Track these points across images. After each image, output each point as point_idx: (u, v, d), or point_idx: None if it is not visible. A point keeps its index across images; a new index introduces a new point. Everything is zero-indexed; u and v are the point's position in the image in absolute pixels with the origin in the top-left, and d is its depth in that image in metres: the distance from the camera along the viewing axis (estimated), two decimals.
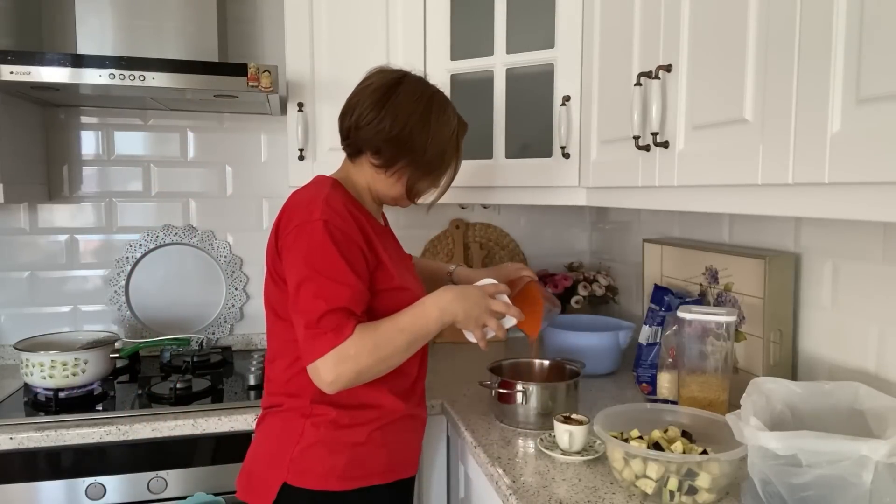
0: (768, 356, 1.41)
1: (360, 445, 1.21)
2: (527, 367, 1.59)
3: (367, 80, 1.27)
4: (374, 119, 1.21)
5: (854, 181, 0.80)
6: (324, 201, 1.14)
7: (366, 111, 1.21)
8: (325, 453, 1.19)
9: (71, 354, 1.60)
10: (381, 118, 1.20)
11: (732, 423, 0.96)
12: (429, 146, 1.23)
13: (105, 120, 2.01)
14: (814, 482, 0.86)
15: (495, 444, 1.32)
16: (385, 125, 1.20)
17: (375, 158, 1.24)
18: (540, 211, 2.38)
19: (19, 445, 1.43)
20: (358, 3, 1.80)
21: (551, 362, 1.58)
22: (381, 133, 1.20)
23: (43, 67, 1.52)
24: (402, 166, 1.24)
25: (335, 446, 1.20)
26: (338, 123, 1.28)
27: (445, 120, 1.25)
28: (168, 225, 2.08)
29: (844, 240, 1.29)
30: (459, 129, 1.29)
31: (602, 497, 1.09)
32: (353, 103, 1.25)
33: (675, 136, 1.17)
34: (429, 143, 1.22)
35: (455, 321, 1.21)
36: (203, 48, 1.79)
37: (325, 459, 1.19)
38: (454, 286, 1.24)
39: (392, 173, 1.25)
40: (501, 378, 1.44)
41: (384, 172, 1.25)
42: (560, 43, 1.60)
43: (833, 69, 0.83)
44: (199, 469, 1.53)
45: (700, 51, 1.11)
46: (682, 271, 1.73)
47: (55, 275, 2.02)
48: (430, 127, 1.22)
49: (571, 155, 1.59)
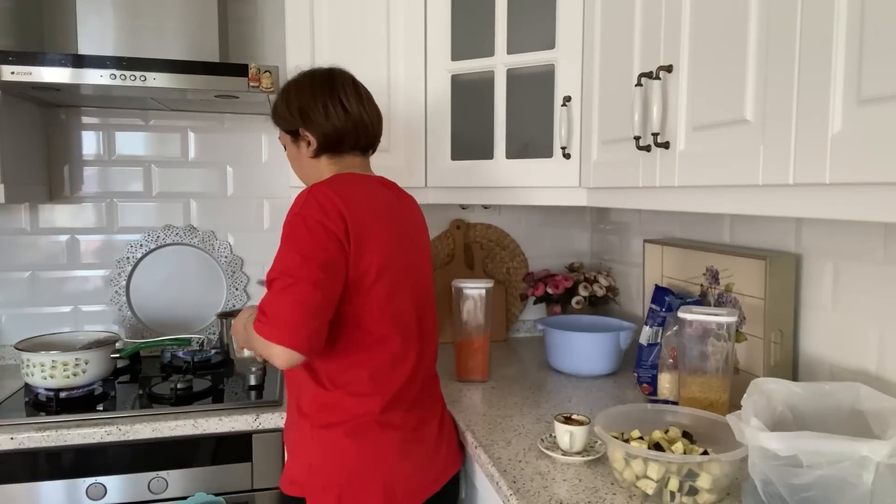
0: (769, 357, 1.41)
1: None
2: None
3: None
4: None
5: (855, 182, 0.80)
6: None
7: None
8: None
9: (71, 355, 1.60)
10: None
11: (733, 424, 0.95)
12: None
13: (106, 120, 2.02)
14: (814, 483, 0.86)
15: (496, 445, 1.32)
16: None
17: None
18: (540, 211, 2.38)
19: (20, 445, 1.43)
20: (359, 4, 1.80)
21: None
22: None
23: (44, 68, 1.52)
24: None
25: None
26: (371, 130, 1.37)
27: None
28: (169, 225, 2.08)
29: (845, 240, 1.29)
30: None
31: (603, 497, 1.09)
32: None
33: (676, 136, 1.17)
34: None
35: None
36: (204, 48, 1.79)
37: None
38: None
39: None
40: None
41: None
42: (561, 43, 1.60)
43: (834, 70, 0.83)
44: (200, 469, 1.54)
45: (701, 51, 1.11)
46: (683, 272, 1.73)
47: (56, 275, 2.02)
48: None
49: (572, 155, 1.59)
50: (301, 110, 1.31)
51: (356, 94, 1.34)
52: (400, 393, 1.27)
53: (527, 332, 2.37)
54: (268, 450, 1.57)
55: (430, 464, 1.32)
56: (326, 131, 1.31)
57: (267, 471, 1.58)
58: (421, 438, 1.31)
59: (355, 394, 1.24)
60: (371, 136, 1.37)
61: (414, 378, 1.31)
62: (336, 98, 1.31)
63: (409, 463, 1.27)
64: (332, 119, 1.30)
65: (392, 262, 1.26)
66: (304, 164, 1.38)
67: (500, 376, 1.81)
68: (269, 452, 1.57)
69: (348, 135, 1.32)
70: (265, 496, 1.58)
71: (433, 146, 1.85)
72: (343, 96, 1.31)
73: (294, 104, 1.32)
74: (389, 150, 1.84)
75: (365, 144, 1.37)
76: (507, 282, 2.33)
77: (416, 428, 1.30)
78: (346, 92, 1.32)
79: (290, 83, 1.36)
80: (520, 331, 2.37)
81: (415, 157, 1.85)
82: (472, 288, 1.75)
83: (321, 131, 1.31)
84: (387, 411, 1.26)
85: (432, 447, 1.33)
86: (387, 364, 1.26)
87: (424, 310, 1.36)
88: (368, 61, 1.81)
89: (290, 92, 1.35)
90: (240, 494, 1.56)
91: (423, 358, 1.34)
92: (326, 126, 1.30)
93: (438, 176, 1.84)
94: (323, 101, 1.30)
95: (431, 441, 1.33)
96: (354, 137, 1.34)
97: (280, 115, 1.36)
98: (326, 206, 1.18)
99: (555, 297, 2.15)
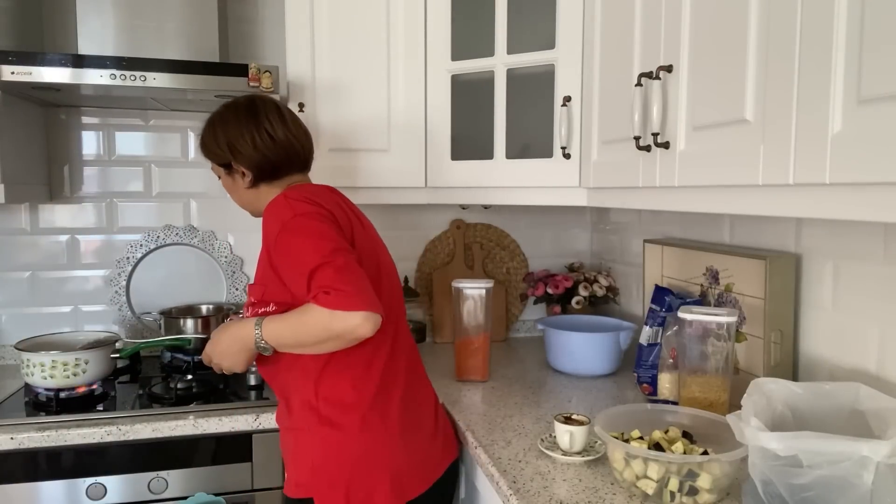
0: (769, 357, 1.41)
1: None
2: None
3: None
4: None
5: (855, 182, 0.80)
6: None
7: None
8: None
9: (72, 354, 1.60)
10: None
11: (733, 424, 0.95)
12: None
13: (106, 120, 2.02)
14: (814, 483, 0.86)
15: (496, 445, 1.32)
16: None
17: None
18: (540, 211, 2.38)
19: (20, 445, 1.43)
20: (359, 4, 1.80)
21: None
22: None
23: (44, 68, 1.52)
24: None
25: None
26: (302, 152, 1.38)
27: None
28: (169, 225, 2.08)
29: (845, 240, 1.29)
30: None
31: (603, 498, 1.09)
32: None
33: (676, 136, 1.17)
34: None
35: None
36: (204, 48, 1.79)
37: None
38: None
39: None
40: None
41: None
42: (561, 43, 1.60)
43: (834, 70, 0.83)
44: (200, 469, 1.54)
45: (701, 51, 1.11)
46: (683, 272, 1.73)
47: (56, 275, 2.02)
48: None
49: (572, 155, 1.59)
50: (230, 145, 1.32)
51: (280, 119, 1.34)
52: (390, 382, 1.30)
53: (527, 332, 2.37)
54: (268, 450, 1.57)
55: (431, 449, 1.35)
56: (258, 162, 1.32)
57: (267, 471, 1.58)
58: (419, 425, 1.33)
59: (348, 389, 1.26)
60: (304, 157, 1.39)
61: (400, 366, 1.33)
62: (262, 127, 1.31)
63: (412, 449, 1.29)
64: (261, 149, 1.31)
65: (370, 256, 1.30)
66: (242, 195, 1.39)
67: (500, 376, 1.81)
68: (269, 452, 1.57)
69: (280, 162, 1.34)
70: (265, 496, 1.58)
71: (433, 146, 1.85)
72: (268, 124, 1.32)
73: (221, 139, 1.33)
74: (389, 150, 1.84)
75: (300, 166, 1.39)
76: (507, 282, 2.33)
77: (414, 415, 1.32)
78: (270, 120, 1.32)
79: (214, 117, 1.37)
80: (520, 331, 2.37)
81: (415, 158, 1.85)
82: (472, 288, 1.75)
83: (252, 163, 1.32)
84: (382, 402, 1.27)
85: (430, 433, 1.36)
86: (373, 355, 1.28)
87: (393, 300, 1.37)
88: (368, 61, 1.81)
89: (215, 126, 1.35)
90: (240, 494, 1.56)
91: (400, 346, 1.35)
92: (256, 157, 1.31)
93: (438, 176, 1.84)
94: (249, 132, 1.31)
95: (430, 427, 1.36)
96: (287, 163, 1.35)
97: (210, 149, 1.37)
98: (314, 201, 1.22)
99: (555, 297, 2.15)
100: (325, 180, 1.81)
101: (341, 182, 1.82)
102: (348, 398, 1.26)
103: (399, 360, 1.34)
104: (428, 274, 2.28)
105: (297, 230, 1.18)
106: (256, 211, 1.40)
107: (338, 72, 1.80)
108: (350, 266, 1.14)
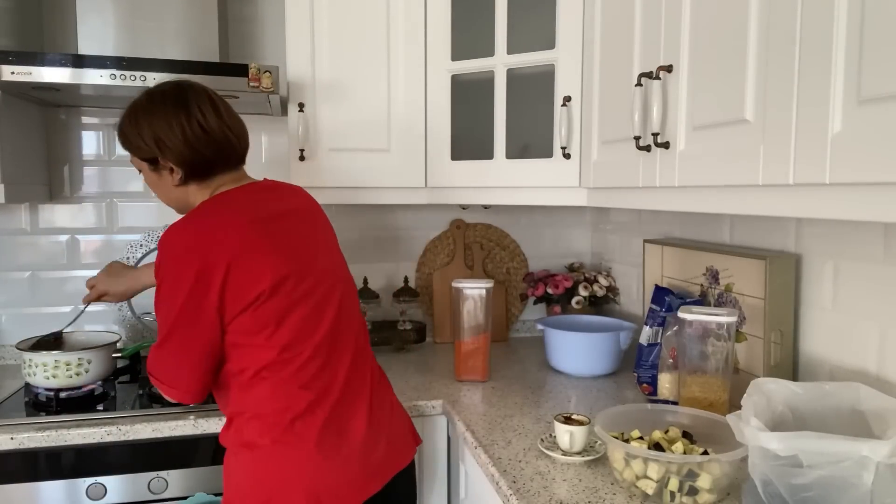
0: (769, 357, 1.41)
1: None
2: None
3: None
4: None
5: (855, 182, 0.80)
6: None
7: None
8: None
9: (74, 354, 1.60)
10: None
11: (733, 424, 0.95)
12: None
13: (106, 120, 2.02)
14: (815, 483, 0.86)
15: (496, 445, 1.32)
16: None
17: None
18: (540, 211, 2.38)
19: (20, 445, 1.43)
20: (359, 4, 1.80)
21: None
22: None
23: (44, 68, 1.52)
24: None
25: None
26: (238, 146, 1.27)
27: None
28: (168, 225, 2.07)
29: (845, 240, 1.29)
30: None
31: (603, 498, 1.09)
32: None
33: (676, 136, 1.17)
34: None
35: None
36: (204, 48, 1.79)
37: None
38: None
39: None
40: None
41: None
42: (561, 43, 1.60)
43: (834, 69, 0.83)
44: (200, 469, 1.53)
45: (701, 51, 1.11)
46: (683, 272, 1.73)
47: (56, 275, 2.02)
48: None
49: (572, 155, 1.59)
50: (156, 138, 1.17)
51: (213, 108, 1.20)
52: (320, 398, 1.19)
53: (527, 332, 2.37)
54: None
55: (362, 462, 1.21)
56: (188, 158, 1.18)
57: None
58: (344, 437, 1.20)
59: (264, 408, 1.17)
60: (240, 151, 1.25)
61: (336, 378, 1.22)
62: (192, 118, 1.17)
63: (333, 464, 1.17)
64: (193, 143, 1.17)
65: (290, 271, 1.17)
66: (169, 192, 1.26)
67: (500, 376, 1.81)
68: None
69: (214, 157, 1.20)
70: None
71: (433, 146, 1.85)
72: (199, 115, 1.17)
73: (146, 131, 1.18)
74: (389, 150, 1.84)
75: (235, 161, 1.25)
76: (507, 282, 2.33)
77: (337, 428, 1.20)
78: (202, 110, 1.18)
79: (137, 105, 1.21)
80: (520, 331, 2.37)
81: (415, 157, 1.85)
82: (472, 288, 1.75)
83: (183, 159, 1.18)
84: (299, 417, 1.16)
85: (360, 444, 1.21)
86: (299, 371, 1.17)
87: (328, 308, 1.24)
88: (368, 61, 1.81)
89: (138, 116, 1.20)
90: None
91: (338, 357, 1.23)
92: (187, 152, 1.17)
93: (438, 176, 1.85)
94: (179, 123, 1.16)
95: (359, 438, 1.21)
96: (222, 158, 1.22)
97: (132, 143, 1.22)
98: (192, 247, 1.14)
99: (555, 297, 2.15)
100: (325, 180, 1.82)
101: (341, 182, 1.83)
102: (266, 417, 1.16)
103: (336, 371, 1.22)
104: (428, 274, 2.28)
105: (160, 282, 1.16)
106: (184, 210, 1.27)
107: (338, 72, 1.80)
108: (171, 352, 1.16)
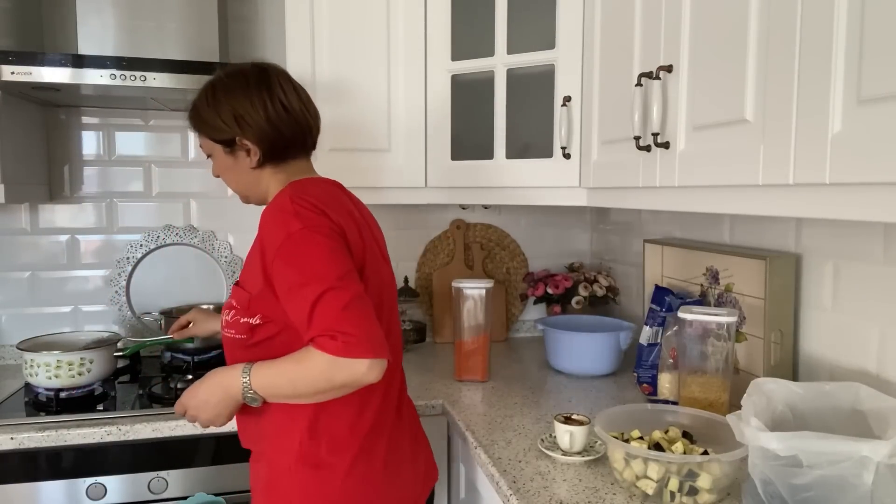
0: (769, 357, 1.41)
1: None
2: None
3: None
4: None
5: (855, 182, 0.80)
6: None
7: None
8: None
9: (77, 354, 1.60)
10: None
11: (733, 424, 0.96)
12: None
13: (106, 120, 2.02)
14: (815, 483, 0.86)
15: (496, 445, 1.32)
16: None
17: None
18: (540, 211, 2.38)
19: (20, 445, 1.43)
20: (359, 3, 1.80)
21: None
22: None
23: (44, 68, 1.52)
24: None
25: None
26: (314, 131, 1.24)
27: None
28: (169, 225, 2.08)
29: (845, 240, 1.29)
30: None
31: (603, 498, 1.09)
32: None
33: (676, 136, 1.17)
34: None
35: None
36: (204, 48, 1.79)
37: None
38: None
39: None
40: None
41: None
42: (561, 43, 1.60)
43: (834, 69, 0.83)
44: (200, 469, 1.53)
45: (701, 51, 1.11)
46: (683, 272, 1.73)
47: (56, 275, 2.02)
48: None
49: (572, 155, 1.59)
50: (237, 116, 1.13)
51: (294, 89, 1.18)
52: (383, 420, 1.17)
53: (527, 332, 2.37)
54: None
55: (414, 479, 1.24)
56: (270, 136, 1.15)
57: None
58: (401, 456, 1.20)
59: (344, 429, 1.13)
60: (314, 136, 1.24)
61: (392, 397, 1.21)
62: (275, 97, 1.14)
63: (395, 483, 1.18)
64: (274, 121, 1.14)
65: (375, 274, 1.16)
66: (242, 177, 1.21)
67: (500, 376, 1.81)
68: None
69: (293, 138, 1.17)
70: None
71: (433, 146, 1.85)
72: (282, 93, 1.15)
73: (226, 109, 1.14)
74: (389, 150, 1.84)
75: (309, 147, 1.24)
76: (507, 282, 2.33)
77: (394, 446, 1.19)
78: (283, 88, 1.16)
79: (216, 84, 1.17)
80: (520, 331, 2.37)
81: (415, 157, 1.85)
82: (472, 288, 1.75)
83: (263, 137, 1.15)
84: (372, 442, 1.15)
85: (410, 460, 1.23)
86: (370, 392, 1.13)
87: (392, 321, 1.24)
88: (368, 61, 1.81)
89: (217, 94, 1.16)
90: (240, 494, 1.56)
91: (396, 376, 1.24)
92: (268, 130, 1.14)
93: (438, 176, 1.84)
94: (261, 101, 1.13)
95: (408, 455, 1.23)
96: (300, 141, 1.19)
97: (208, 122, 1.17)
98: (323, 211, 1.08)
99: (555, 297, 2.15)
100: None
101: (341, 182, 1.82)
102: (342, 439, 1.12)
103: (393, 390, 1.21)
104: (428, 274, 2.28)
105: (301, 246, 1.03)
106: (253, 196, 1.25)
107: (338, 72, 1.80)
108: (357, 301, 1.00)
